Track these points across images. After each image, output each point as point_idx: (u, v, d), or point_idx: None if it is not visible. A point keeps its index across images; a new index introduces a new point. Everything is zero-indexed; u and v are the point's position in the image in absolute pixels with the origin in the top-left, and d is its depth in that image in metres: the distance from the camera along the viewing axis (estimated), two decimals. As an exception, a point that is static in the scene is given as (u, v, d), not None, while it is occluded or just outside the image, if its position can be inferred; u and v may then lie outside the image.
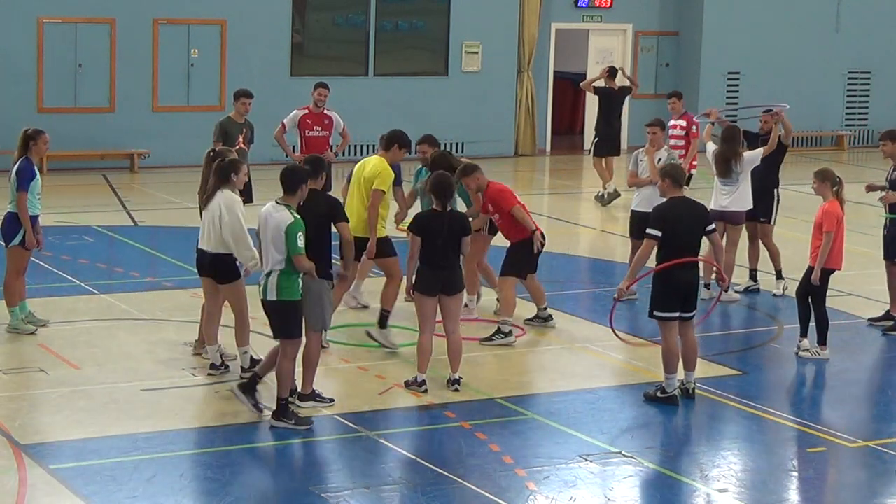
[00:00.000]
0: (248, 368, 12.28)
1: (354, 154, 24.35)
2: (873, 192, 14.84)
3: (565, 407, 11.93)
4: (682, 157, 18.40)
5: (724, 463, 10.81)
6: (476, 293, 14.69)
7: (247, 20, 25.84)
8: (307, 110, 18.27)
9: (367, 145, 24.12)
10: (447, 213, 12.01)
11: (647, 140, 15.81)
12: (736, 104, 29.48)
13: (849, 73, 31.18)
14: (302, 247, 10.92)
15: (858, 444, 11.19)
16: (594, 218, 21.65)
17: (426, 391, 12.03)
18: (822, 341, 13.51)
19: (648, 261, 12.03)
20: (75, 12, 24.60)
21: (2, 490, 9.68)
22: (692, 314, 12.04)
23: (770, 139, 15.72)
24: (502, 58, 28.06)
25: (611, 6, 29.37)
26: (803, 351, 13.59)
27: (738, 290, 16.03)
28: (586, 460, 10.60)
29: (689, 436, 11.71)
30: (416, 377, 12.13)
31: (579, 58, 29.32)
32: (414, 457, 10.58)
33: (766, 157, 15.71)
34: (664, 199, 12.11)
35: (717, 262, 12.32)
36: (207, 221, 12.10)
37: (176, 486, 9.93)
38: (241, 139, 17.04)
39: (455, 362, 12.18)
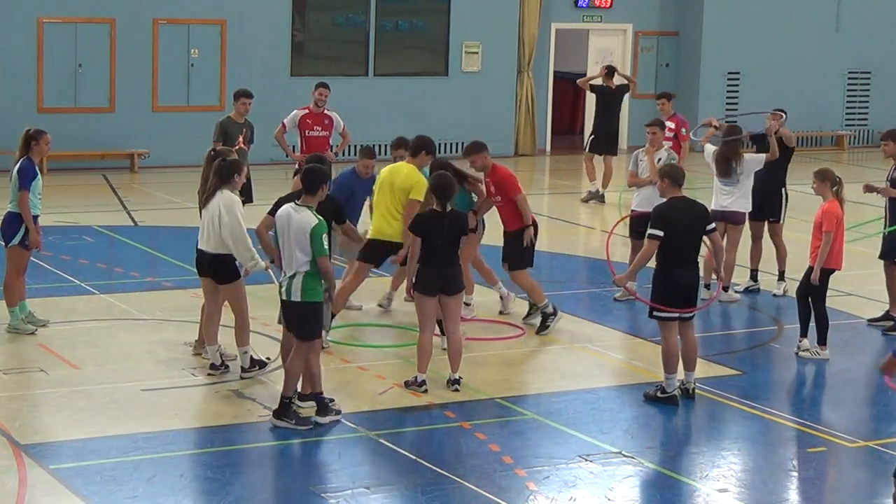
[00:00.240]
0: (248, 368, 12.29)
1: (355, 154, 24.29)
2: (871, 192, 14.82)
3: (565, 407, 11.93)
4: None
5: (724, 463, 10.81)
6: (472, 292, 14.70)
7: (247, 20, 25.84)
8: (307, 110, 18.26)
9: (368, 145, 24.06)
10: (447, 214, 12.01)
11: (646, 140, 15.81)
12: (735, 109, 29.54)
13: (849, 73, 31.18)
14: (327, 248, 10.95)
15: (858, 444, 11.19)
16: (594, 218, 21.66)
17: (426, 391, 12.03)
18: (822, 341, 13.51)
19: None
20: (75, 12, 24.60)
21: (2, 490, 9.68)
22: (692, 314, 12.04)
23: (770, 148, 15.68)
24: (502, 58, 28.06)
25: (611, 6, 29.37)
26: (803, 351, 13.59)
27: (738, 290, 16.04)
28: (586, 460, 10.61)
29: (689, 436, 11.71)
30: (416, 377, 12.13)
31: (579, 58, 29.32)
32: (414, 457, 10.57)
33: (779, 150, 15.74)
34: (664, 199, 12.12)
35: (716, 262, 12.32)
36: (207, 222, 12.10)
37: (176, 486, 9.93)
38: (241, 139, 17.04)
39: (455, 362, 12.18)
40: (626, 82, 23.98)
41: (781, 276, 16.13)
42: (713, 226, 12.08)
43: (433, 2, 27.61)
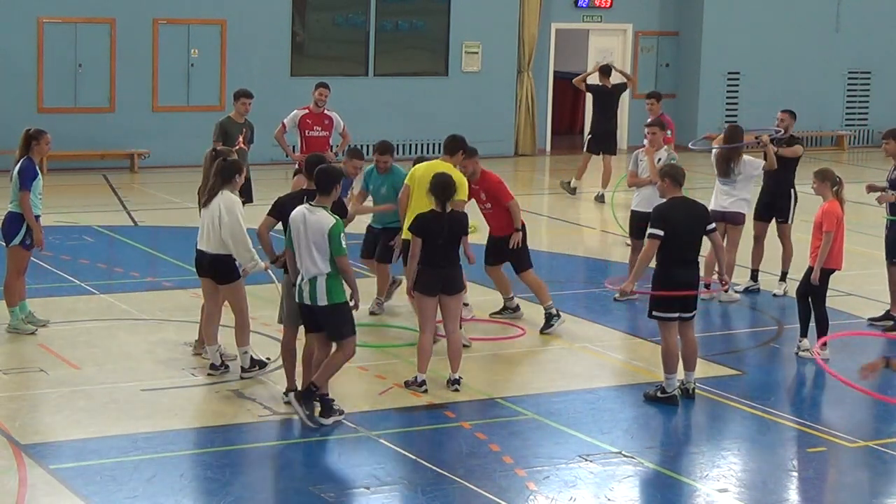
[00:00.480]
0: (248, 368, 12.29)
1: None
2: (874, 192, 14.82)
3: (565, 407, 11.93)
4: None
5: (723, 463, 10.81)
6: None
7: (247, 20, 25.83)
8: (307, 110, 18.26)
9: (368, 145, 24.06)
10: (447, 214, 12.01)
11: (646, 140, 15.81)
12: (735, 109, 29.53)
13: (849, 73, 31.18)
14: (345, 247, 10.94)
15: (858, 444, 11.19)
16: (594, 218, 21.65)
17: (426, 391, 12.03)
18: (823, 341, 13.52)
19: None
20: (75, 12, 24.60)
21: (2, 490, 9.68)
22: (692, 314, 12.04)
23: (767, 160, 15.66)
24: (502, 58, 28.06)
25: (611, 6, 29.37)
26: (803, 351, 13.59)
27: (738, 290, 16.03)
28: (586, 460, 10.60)
29: (689, 436, 11.71)
30: (416, 377, 12.13)
31: (579, 58, 29.31)
32: (414, 457, 10.57)
33: (783, 158, 15.73)
34: (664, 199, 12.12)
35: (718, 262, 12.32)
36: (207, 222, 12.10)
37: (176, 486, 9.93)
38: (241, 139, 17.04)
39: (455, 362, 12.18)
40: (623, 80, 23.98)
41: (784, 276, 16.11)
42: (713, 226, 12.08)
43: (433, 2, 27.60)
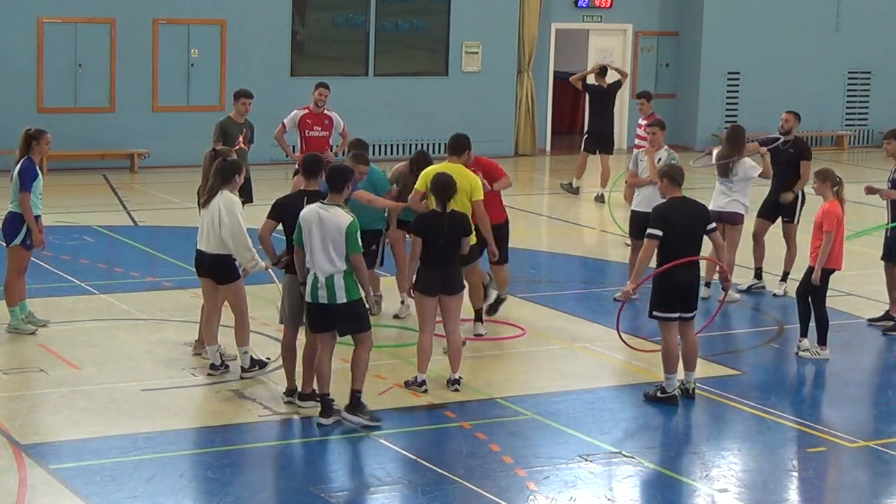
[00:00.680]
0: (248, 368, 12.28)
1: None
2: (873, 194, 14.80)
3: (565, 407, 11.93)
4: None
5: (724, 463, 10.81)
6: None
7: (247, 20, 25.83)
8: (307, 110, 18.26)
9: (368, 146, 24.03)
10: (447, 214, 12.01)
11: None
12: (735, 109, 29.51)
13: (849, 73, 31.17)
14: (361, 246, 10.96)
15: (858, 444, 11.19)
16: (594, 218, 21.65)
17: (426, 391, 12.03)
18: (822, 341, 13.51)
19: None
20: (75, 12, 24.60)
21: (2, 490, 9.68)
22: (692, 314, 12.04)
23: (764, 168, 15.65)
24: (502, 58, 28.06)
25: (611, 6, 29.37)
26: (803, 351, 13.59)
27: (741, 290, 16.04)
28: (586, 460, 10.60)
29: (689, 436, 11.71)
30: (416, 377, 12.13)
31: (579, 58, 29.30)
32: (414, 457, 10.57)
33: (790, 158, 15.73)
34: (664, 199, 12.12)
35: (720, 262, 12.32)
36: (206, 222, 12.10)
37: (176, 486, 9.93)
38: (241, 139, 17.04)
39: (455, 362, 12.19)
40: (618, 78, 23.97)
41: (785, 277, 16.11)
42: (713, 225, 12.09)
43: (433, 2, 27.60)
